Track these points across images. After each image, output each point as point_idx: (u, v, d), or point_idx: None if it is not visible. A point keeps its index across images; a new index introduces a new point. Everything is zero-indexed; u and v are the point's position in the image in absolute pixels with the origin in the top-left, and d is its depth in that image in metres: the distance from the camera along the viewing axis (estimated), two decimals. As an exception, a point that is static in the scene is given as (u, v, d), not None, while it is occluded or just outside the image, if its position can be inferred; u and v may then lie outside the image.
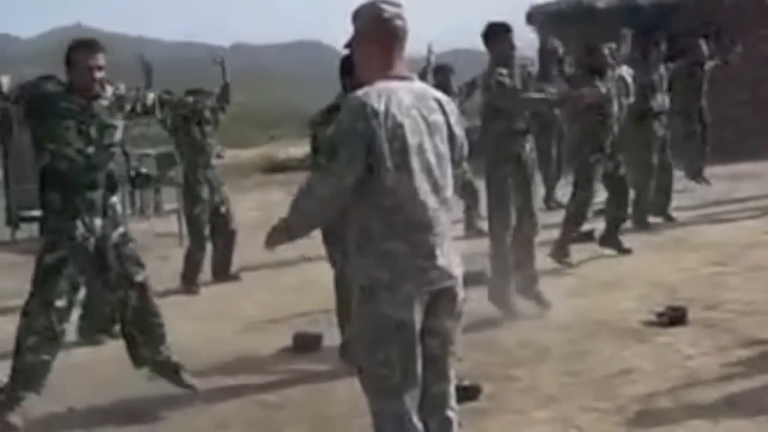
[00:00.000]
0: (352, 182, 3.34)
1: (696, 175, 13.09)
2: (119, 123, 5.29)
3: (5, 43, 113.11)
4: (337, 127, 3.40)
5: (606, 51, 8.74)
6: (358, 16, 3.56)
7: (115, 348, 6.21)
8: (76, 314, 5.69)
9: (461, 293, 3.57)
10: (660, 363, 5.78)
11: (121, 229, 5.31)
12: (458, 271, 3.54)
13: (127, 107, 5.40)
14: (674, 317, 6.59)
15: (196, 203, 8.97)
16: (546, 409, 5.14)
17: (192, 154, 9.01)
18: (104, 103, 5.22)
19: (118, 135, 5.28)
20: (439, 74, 9.42)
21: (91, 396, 5.64)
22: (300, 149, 21.96)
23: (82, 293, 5.74)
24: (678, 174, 11.60)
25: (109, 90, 5.26)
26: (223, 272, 9.19)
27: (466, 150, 3.65)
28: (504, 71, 6.90)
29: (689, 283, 7.78)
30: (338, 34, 5.96)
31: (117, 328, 5.80)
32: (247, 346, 6.68)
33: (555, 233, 8.67)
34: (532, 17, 18.95)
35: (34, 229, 12.56)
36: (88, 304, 6.71)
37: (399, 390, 3.44)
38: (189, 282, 8.90)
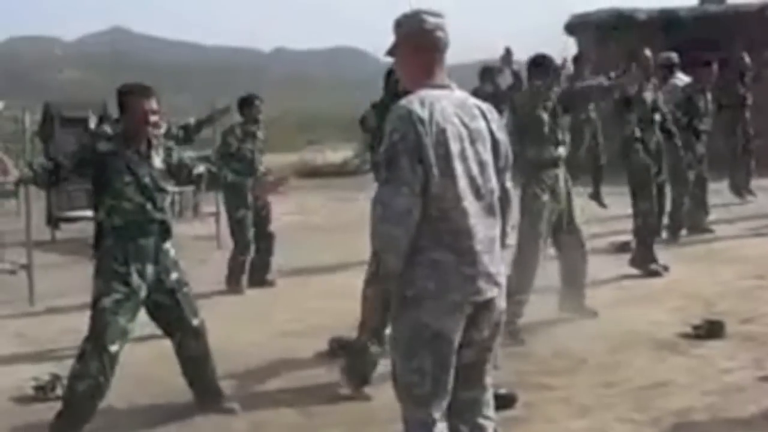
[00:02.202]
0: (420, 187, 3.33)
1: (742, 189, 12.98)
2: (170, 185, 5.32)
3: (49, 45, 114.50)
4: (389, 138, 3.39)
5: (649, 53, 8.76)
6: (400, 25, 3.60)
7: (153, 347, 6.28)
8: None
9: (503, 303, 3.58)
10: (696, 376, 5.76)
11: (175, 275, 5.32)
12: (502, 279, 3.56)
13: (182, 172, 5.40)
14: (711, 330, 6.57)
15: (240, 207, 9.05)
16: (581, 419, 5.13)
17: (237, 162, 9.08)
18: (159, 162, 5.24)
19: (169, 191, 5.32)
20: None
21: (129, 395, 5.70)
22: (337, 154, 22.07)
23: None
24: (715, 187, 11.53)
25: (163, 127, 5.25)
26: (260, 276, 9.25)
27: (511, 157, 3.66)
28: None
29: (726, 296, 7.74)
30: (377, 40, 6.00)
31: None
32: (283, 350, 6.71)
33: (595, 242, 8.62)
34: (572, 27, 18.90)
35: (73, 229, 12.79)
36: None
37: (428, 399, 3.46)
38: (233, 284, 9.03)
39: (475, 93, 6.95)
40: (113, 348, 5.02)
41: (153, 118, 5.14)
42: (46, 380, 5.89)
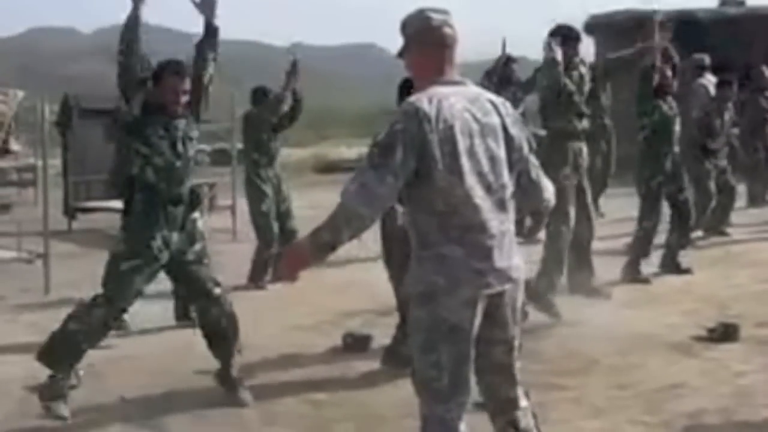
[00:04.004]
0: (403, 183, 3.37)
1: (759, 201, 12.94)
2: (196, 135, 5.44)
3: (68, 36, 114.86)
4: (390, 128, 3.41)
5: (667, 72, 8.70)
6: (407, 25, 3.62)
7: (165, 339, 6.32)
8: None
9: (521, 297, 3.60)
10: (710, 379, 5.75)
11: (197, 246, 5.43)
12: (518, 274, 3.56)
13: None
14: (725, 333, 6.55)
15: (262, 201, 9.05)
16: (593, 420, 5.13)
17: (256, 152, 9.10)
18: (184, 120, 5.37)
19: (195, 145, 5.45)
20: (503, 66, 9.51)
21: (142, 386, 5.73)
22: (352, 150, 22.08)
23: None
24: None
25: None
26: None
27: (527, 150, 3.65)
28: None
29: (741, 299, 7.72)
30: (393, 36, 6.01)
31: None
32: (297, 344, 6.73)
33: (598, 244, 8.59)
34: (590, 27, 18.87)
35: (90, 219, 12.84)
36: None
37: (446, 394, 3.47)
38: (256, 280, 9.02)
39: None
40: (122, 305, 5.27)
41: (183, 98, 5.31)
42: (60, 369, 5.91)
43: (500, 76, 9.62)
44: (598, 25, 18.70)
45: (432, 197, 3.40)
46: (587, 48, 17.01)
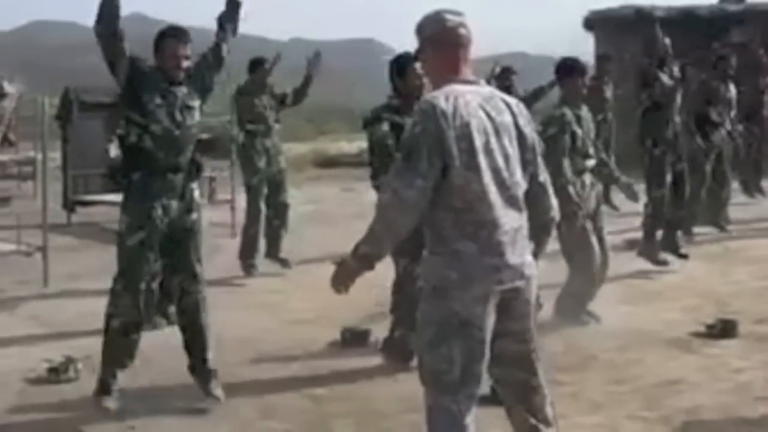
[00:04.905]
0: (433, 183, 3.42)
1: (753, 189, 12.96)
2: (197, 104, 5.40)
3: (72, 30, 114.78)
4: (411, 130, 3.50)
5: (668, 41, 8.76)
6: (423, 27, 3.70)
7: (163, 335, 6.32)
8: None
9: (535, 292, 3.65)
10: (708, 375, 5.76)
11: (194, 215, 5.40)
12: (531, 270, 3.61)
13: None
14: (724, 329, 6.55)
15: (254, 174, 9.04)
16: (591, 415, 5.13)
17: (251, 122, 9.10)
18: (184, 89, 5.35)
19: (197, 116, 5.40)
20: (502, 77, 9.46)
21: (138, 381, 5.70)
22: (352, 145, 22.07)
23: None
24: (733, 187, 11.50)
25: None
26: (274, 248, 9.23)
27: (539, 150, 3.72)
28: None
29: (740, 296, 7.73)
30: (394, 31, 6.01)
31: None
32: (296, 339, 6.73)
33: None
34: (590, 22, 18.87)
35: (89, 213, 12.83)
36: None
37: (456, 387, 3.50)
38: (246, 258, 9.00)
39: None
40: (142, 285, 5.22)
41: (184, 63, 5.28)
42: (59, 362, 5.92)
43: (498, 87, 9.60)
44: (597, 21, 18.70)
45: (448, 194, 3.46)
46: (587, 44, 17.06)
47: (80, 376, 5.86)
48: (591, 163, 6.97)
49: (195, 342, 5.44)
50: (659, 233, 8.92)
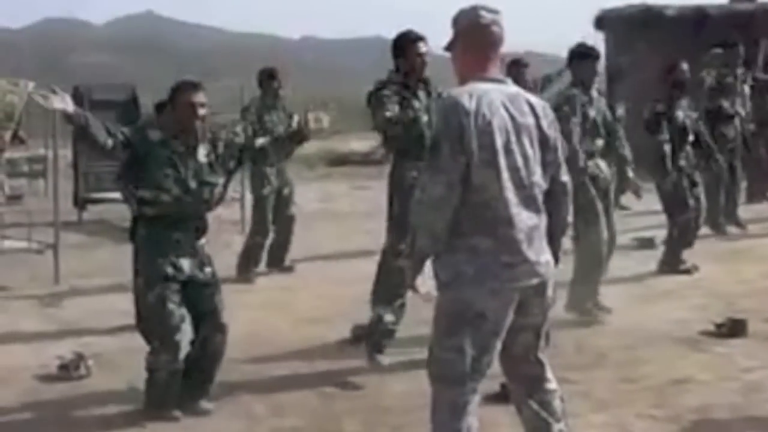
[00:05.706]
0: (459, 176, 3.48)
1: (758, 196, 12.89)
2: (220, 181, 5.31)
3: (78, 28, 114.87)
4: (435, 127, 3.60)
5: (685, 67, 8.64)
6: (458, 20, 3.75)
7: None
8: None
9: (550, 291, 3.70)
10: (717, 374, 5.76)
11: (209, 269, 5.32)
12: (547, 269, 3.65)
13: (231, 164, 5.41)
14: (733, 328, 6.55)
15: (264, 185, 9.03)
16: (601, 413, 5.14)
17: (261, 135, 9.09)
18: (204, 156, 5.25)
19: (216, 192, 5.30)
20: (512, 69, 9.46)
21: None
22: (363, 143, 22.06)
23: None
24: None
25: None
26: (278, 259, 9.22)
27: (561, 152, 3.77)
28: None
29: (750, 294, 7.71)
30: (400, 29, 6.02)
31: None
32: (306, 336, 6.75)
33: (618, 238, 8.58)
34: (601, 21, 18.80)
35: (100, 211, 12.87)
36: None
37: (463, 378, 3.55)
38: (244, 269, 8.90)
39: None
40: (177, 337, 5.08)
41: (201, 111, 5.21)
42: (70, 359, 5.95)
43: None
44: (608, 20, 18.64)
45: (466, 189, 3.51)
46: (598, 44, 17.02)
47: (91, 372, 5.89)
48: (600, 143, 7.02)
49: (205, 372, 5.34)
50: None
